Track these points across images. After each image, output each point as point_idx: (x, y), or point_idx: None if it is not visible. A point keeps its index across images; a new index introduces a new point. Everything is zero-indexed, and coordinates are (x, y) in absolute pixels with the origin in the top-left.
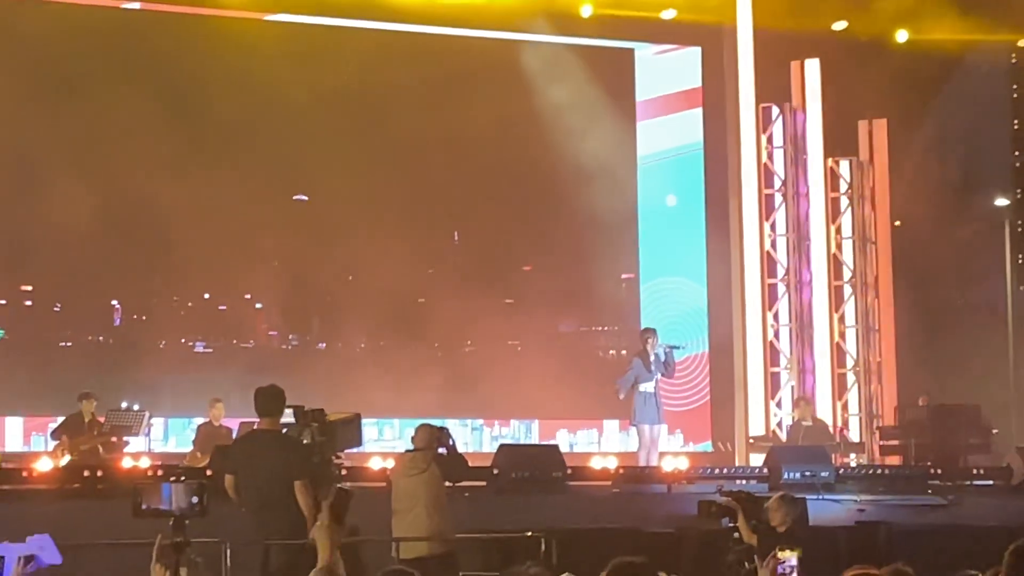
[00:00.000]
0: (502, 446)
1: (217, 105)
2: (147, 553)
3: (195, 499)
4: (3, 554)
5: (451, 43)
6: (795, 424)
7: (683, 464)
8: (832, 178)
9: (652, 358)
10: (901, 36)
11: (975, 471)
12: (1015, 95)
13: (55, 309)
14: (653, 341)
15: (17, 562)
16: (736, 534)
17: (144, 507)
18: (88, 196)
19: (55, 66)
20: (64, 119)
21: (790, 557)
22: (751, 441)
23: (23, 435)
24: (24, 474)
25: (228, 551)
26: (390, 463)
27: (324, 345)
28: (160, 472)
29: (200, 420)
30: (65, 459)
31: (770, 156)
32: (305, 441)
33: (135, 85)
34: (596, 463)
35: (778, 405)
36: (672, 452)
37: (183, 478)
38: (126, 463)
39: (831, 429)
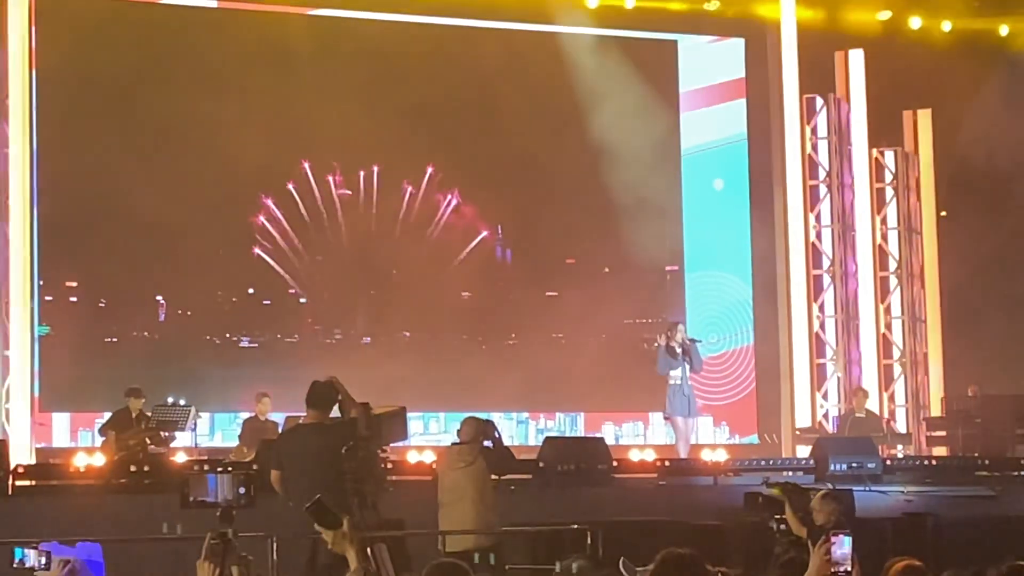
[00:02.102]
0: (548, 439)
1: (258, 102)
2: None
3: (242, 490)
4: (50, 550)
5: (493, 36)
6: (846, 414)
7: (726, 456)
8: (877, 169)
9: (677, 349)
10: (946, 25)
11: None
12: None
13: (100, 305)
14: (672, 333)
15: (58, 564)
16: (783, 526)
17: (192, 498)
18: (133, 192)
19: (100, 60)
20: (108, 115)
21: (844, 539)
22: (797, 433)
23: (70, 431)
24: (71, 469)
25: (275, 546)
26: (431, 456)
27: (369, 339)
28: (206, 466)
29: (246, 415)
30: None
31: (814, 147)
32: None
33: (177, 81)
34: (634, 456)
35: (824, 397)
36: (717, 445)
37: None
38: (173, 458)
39: (883, 423)
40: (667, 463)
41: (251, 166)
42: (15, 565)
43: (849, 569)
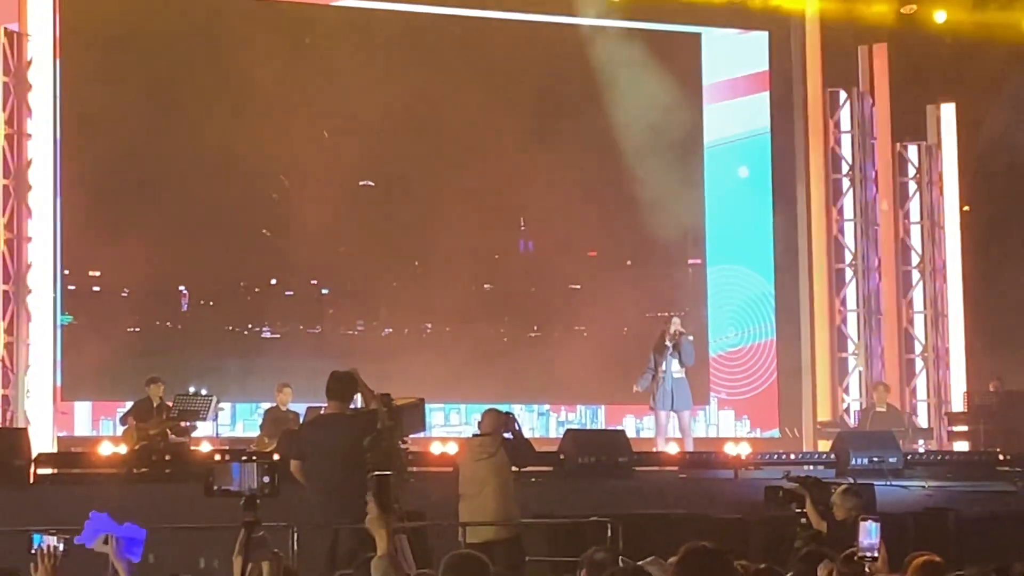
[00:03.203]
0: (569, 431)
1: (279, 90)
2: (215, 536)
3: (266, 479)
4: (97, 523)
5: (518, 28)
6: (867, 409)
7: (745, 449)
8: (900, 163)
9: (667, 345)
10: (970, 19)
11: None
12: None
13: (123, 295)
14: (668, 326)
15: (105, 538)
16: (804, 520)
17: (215, 488)
18: (156, 182)
19: (124, 50)
20: (132, 106)
21: (871, 526)
22: (819, 427)
23: (91, 420)
24: (93, 458)
25: (295, 535)
26: (453, 448)
27: (390, 331)
28: (228, 456)
29: (267, 405)
30: (130, 445)
31: (838, 141)
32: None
33: (200, 69)
34: (663, 447)
35: (845, 391)
36: (739, 438)
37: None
38: (194, 447)
39: (904, 417)
40: (688, 456)
41: (274, 156)
42: (33, 551)
43: (876, 556)
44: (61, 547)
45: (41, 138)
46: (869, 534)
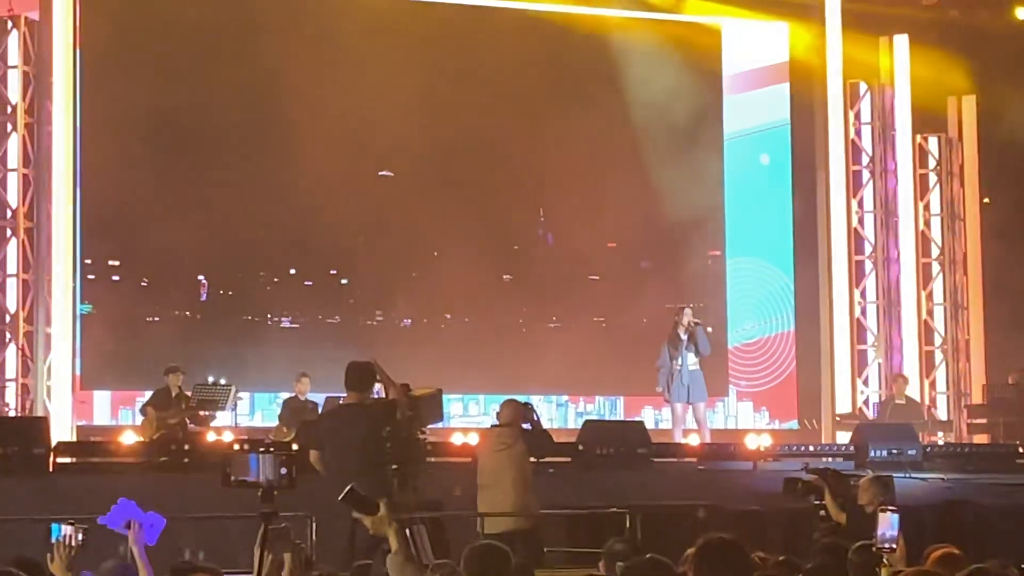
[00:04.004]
0: (587, 422)
1: (299, 81)
2: (233, 526)
3: (284, 470)
4: (124, 508)
5: (537, 19)
6: (886, 401)
7: (766, 441)
8: (920, 155)
9: (682, 336)
10: (991, 11)
11: None
12: None
13: (142, 284)
14: (679, 316)
15: (127, 522)
16: (823, 512)
17: (233, 478)
18: (176, 171)
19: (145, 39)
20: (153, 95)
21: (892, 518)
22: (838, 419)
23: (111, 409)
24: (112, 447)
25: (314, 525)
26: (474, 438)
27: (409, 321)
28: (246, 446)
29: (285, 395)
30: (146, 434)
31: (858, 132)
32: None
33: (220, 57)
34: (681, 439)
35: (865, 383)
36: (757, 430)
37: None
38: (212, 437)
39: (923, 409)
40: (707, 448)
41: (293, 146)
42: (52, 541)
43: (894, 547)
44: (80, 537)
45: (61, 127)
46: (889, 526)
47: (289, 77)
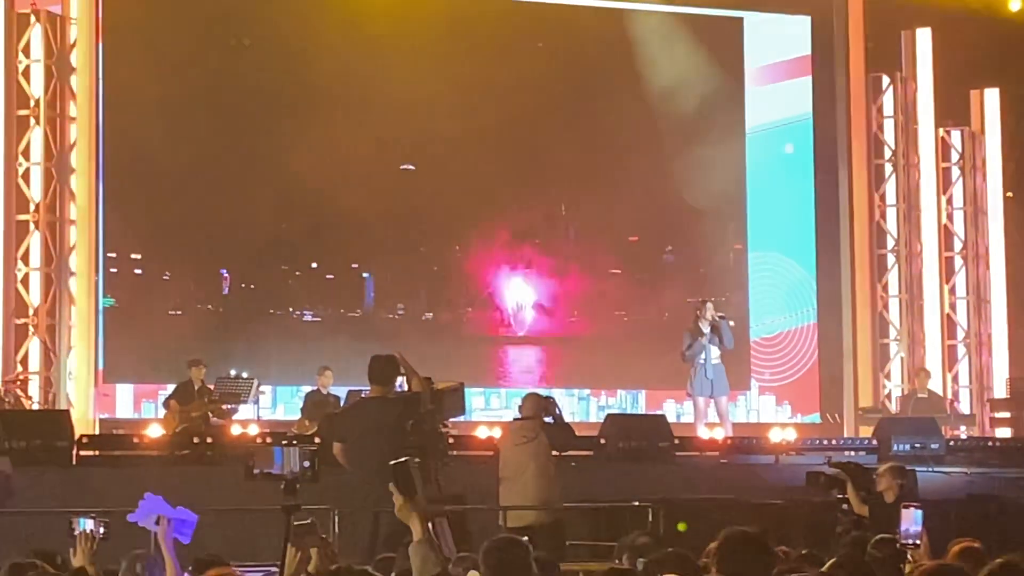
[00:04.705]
0: (609, 415)
1: (322, 74)
2: (255, 519)
3: (306, 463)
4: (151, 503)
5: (559, 12)
6: (908, 394)
7: (791, 435)
8: (943, 148)
9: (704, 330)
10: (1014, 5)
11: None
12: None
13: (164, 278)
14: (702, 311)
15: (156, 518)
16: (845, 505)
17: (256, 471)
18: (198, 165)
19: (167, 32)
20: (175, 89)
21: (916, 513)
22: (860, 412)
23: (133, 402)
24: (135, 441)
25: (336, 518)
26: (497, 432)
27: (431, 315)
28: (269, 439)
29: (308, 388)
30: (169, 427)
31: (880, 126)
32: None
33: (241, 51)
34: (703, 433)
35: (887, 376)
36: (780, 423)
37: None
38: (235, 430)
39: (946, 403)
40: (729, 441)
41: (315, 139)
42: (75, 535)
43: (918, 543)
44: (101, 531)
45: (84, 121)
46: (913, 522)
47: (311, 71)
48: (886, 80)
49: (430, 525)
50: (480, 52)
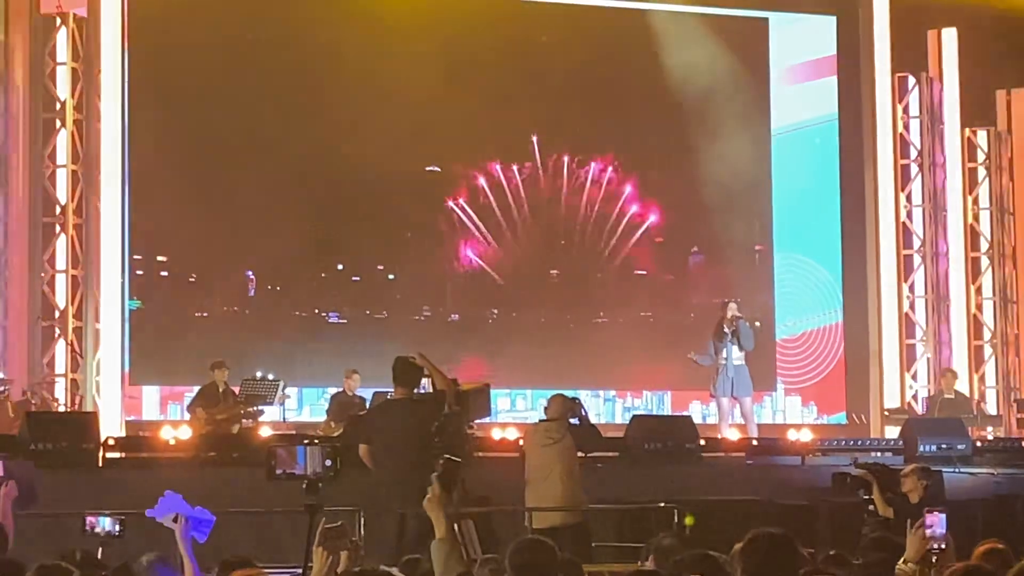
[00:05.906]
0: (635, 417)
1: (347, 76)
2: (283, 521)
3: (328, 462)
4: (171, 501)
5: (583, 12)
6: (935, 395)
7: (806, 436)
8: (969, 148)
9: (726, 331)
10: None
11: None
12: None
13: (190, 280)
14: (724, 312)
15: (174, 516)
16: (871, 507)
17: (278, 471)
18: (224, 167)
19: (193, 36)
20: (200, 92)
21: (940, 517)
22: (886, 413)
23: (160, 404)
24: (161, 442)
25: (362, 519)
26: (516, 433)
27: (456, 316)
28: (284, 441)
29: (333, 390)
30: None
31: (906, 126)
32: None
33: (267, 54)
34: (729, 434)
35: (913, 377)
36: (806, 424)
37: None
38: (263, 432)
39: (972, 404)
40: (755, 442)
41: (340, 142)
42: (97, 530)
43: (944, 547)
44: (117, 528)
45: (110, 124)
46: (938, 525)
47: (337, 73)
48: (912, 80)
49: (455, 526)
50: (505, 55)
